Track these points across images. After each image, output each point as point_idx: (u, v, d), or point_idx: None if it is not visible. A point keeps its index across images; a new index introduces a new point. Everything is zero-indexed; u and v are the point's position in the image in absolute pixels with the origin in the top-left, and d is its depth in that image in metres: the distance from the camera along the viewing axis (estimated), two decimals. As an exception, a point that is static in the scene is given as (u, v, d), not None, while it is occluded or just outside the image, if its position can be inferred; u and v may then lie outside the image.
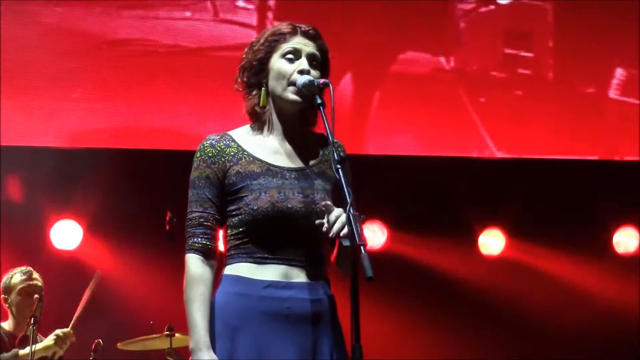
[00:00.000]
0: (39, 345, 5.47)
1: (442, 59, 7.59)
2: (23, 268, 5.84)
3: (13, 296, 5.76)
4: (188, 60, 7.13)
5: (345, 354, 3.11)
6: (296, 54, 3.13)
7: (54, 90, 6.96)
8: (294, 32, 3.16)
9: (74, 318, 5.68)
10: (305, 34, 3.17)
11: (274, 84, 3.14)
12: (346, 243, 2.90)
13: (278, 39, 3.15)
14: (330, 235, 2.94)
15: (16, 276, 5.79)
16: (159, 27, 7.12)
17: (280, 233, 3.06)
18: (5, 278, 5.85)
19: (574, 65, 7.62)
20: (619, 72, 7.69)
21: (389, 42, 7.43)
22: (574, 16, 7.58)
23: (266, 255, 3.07)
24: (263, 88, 3.15)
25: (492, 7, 7.60)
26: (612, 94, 7.72)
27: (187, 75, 7.08)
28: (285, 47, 3.14)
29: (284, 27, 3.18)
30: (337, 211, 2.94)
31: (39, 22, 6.94)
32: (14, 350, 5.52)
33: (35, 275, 5.81)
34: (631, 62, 7.60)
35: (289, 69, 3.12)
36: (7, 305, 5.81)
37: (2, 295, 5.83)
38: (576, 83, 7.70)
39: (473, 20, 7.60)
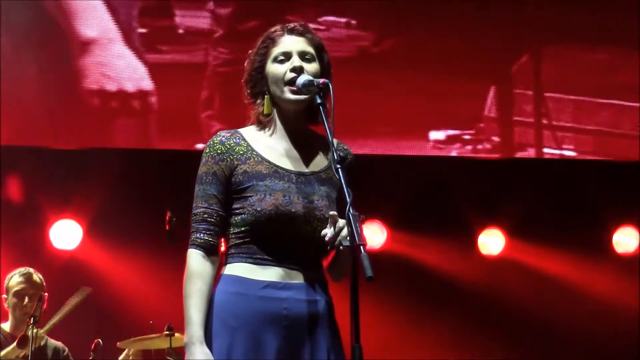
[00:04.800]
0: (3, 352, 5.49)
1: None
2: (23, 269, 5.85)
3: (10, 297, 5.78)
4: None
5: (343, 356, 3.12)
6: (287, 54, 3.17)
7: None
8: (281, 34, 3.20)
9: (50, 324, 5.69)
10: (293, 31, 3.20)
11: (274, 89, 3.17)
12: (346, 243, 2.91)
13: (268, 44, 3.20)
14: (335, 245, 2.96)
15: (14, 278, 5.80)
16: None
17: (281, 236, 3.07)
18: (6, 278, 5.86)
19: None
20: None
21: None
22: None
23: (266, 257, 3.08)
24: (266, 96, 3.18)
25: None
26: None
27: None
28: (275, 50, 3.18)
29: (272, 31, 3.22)
30: (341, 222, 2.96)
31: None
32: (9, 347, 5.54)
33: (35, 277, 5.80)
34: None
35: (281, 70, 3.15)
36: (7, 305, 5.83)
37: (3, 295, 5.85)
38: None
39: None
